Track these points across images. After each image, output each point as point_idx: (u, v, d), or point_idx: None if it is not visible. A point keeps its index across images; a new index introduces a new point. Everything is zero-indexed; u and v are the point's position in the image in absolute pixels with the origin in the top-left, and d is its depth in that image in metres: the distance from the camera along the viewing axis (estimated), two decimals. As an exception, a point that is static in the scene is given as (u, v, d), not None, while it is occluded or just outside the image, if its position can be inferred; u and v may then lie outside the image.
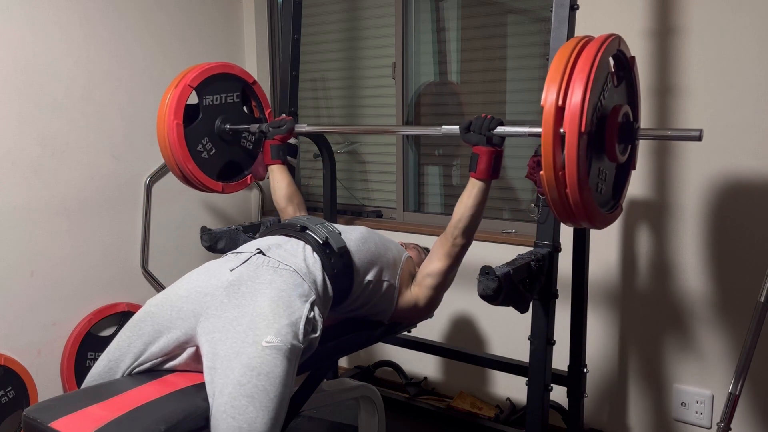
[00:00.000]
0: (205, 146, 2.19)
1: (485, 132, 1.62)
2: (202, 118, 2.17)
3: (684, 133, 1.48)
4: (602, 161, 1.46)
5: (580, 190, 1.32)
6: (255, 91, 2.34)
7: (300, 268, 1.55)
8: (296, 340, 1.39)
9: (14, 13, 2.36)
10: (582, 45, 1.38)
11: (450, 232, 1.70)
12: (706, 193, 2.13)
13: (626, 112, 1.47)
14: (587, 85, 1.29)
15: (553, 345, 1.81)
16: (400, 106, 2.89)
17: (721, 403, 1.83)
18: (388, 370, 2.89)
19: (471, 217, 1.67)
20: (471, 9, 2.79)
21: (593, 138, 1.37)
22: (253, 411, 1.29)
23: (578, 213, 1.38)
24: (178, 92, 2.09)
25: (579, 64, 1.33)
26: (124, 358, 1.47)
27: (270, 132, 2.13)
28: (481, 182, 1.65)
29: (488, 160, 1.63)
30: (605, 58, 1.37)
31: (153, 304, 1.51)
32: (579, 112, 1.28)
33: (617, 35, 1.47)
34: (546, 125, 1.31)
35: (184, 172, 2.12)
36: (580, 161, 1.29)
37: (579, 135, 1.28)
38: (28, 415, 1.31)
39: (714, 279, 2.15)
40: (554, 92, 1.31)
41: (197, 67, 2.18)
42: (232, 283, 1.48)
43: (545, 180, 1.35)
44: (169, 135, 2.07)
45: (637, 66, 1.59)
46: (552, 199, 1.39)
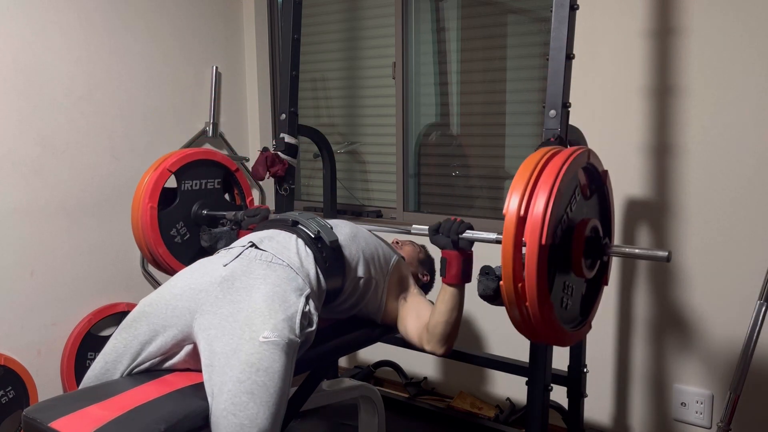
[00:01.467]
0: (179, 230, 2.16)
1: (453, 236, 1.55)
2: (179, 202, 2.15)
3: (652, 253, 1.40)
4: (568, 276, 1.40)
5: (540, 304, 1.26)
6: (237, 179, 2.32)
7: (293, 262, 1.55)
8: (293, 335, 1.39)
9: (14, 13, 2.36)
10: (550, 155, 1.34)
11: (429, 336, 1.64)
12: (706, 193, 2.13)
13: (594, 226, 1.41)
14: (550, 195, 1.25)
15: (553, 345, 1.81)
16: (400, 106, 2.89)
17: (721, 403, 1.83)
18: (388, 370, 2.89)
19: (446, 323, 1.60)
20: (471, 9, 2.79)
21: (557, 250, 1.32)
22: (253, 407, 1.29)
23: (539, 329, 1.31)
24: (156, 175, 2.07)
25: (544, 175, 1.29)
26: (121, 360, 1.46)
27: (245, 221, 2.02)
28: (454, 287, 1.58)
29: (458, 265, 1.56)
30: (573, 169, 1.33)
31: (147, 304, 1.51)
32: (540, 223, 1.23)
33: (587, 148, 1.43)
34: (507, 235, 1.27)
35: (153, 255, 2.10)
36: (540, 275, 1.24)
37: (539, 247, 1.23)
38: (28, 415, 1.31)
39: (714, 279, 2.15)
40: (516, 201, 1.27)
41: (178, 152, 2.17)
42: (226, 279, 1.48)
43: (504, 292, 1.30)
44: (142, 217, 2.06)
45: (609, 180, 1.54)
46: (512, 315, 1.33)
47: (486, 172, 2.82)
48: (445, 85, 2.90)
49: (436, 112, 2.95)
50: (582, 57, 1.96)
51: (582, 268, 1.38)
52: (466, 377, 2.74)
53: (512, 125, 2.70)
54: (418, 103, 2.94)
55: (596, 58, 2.25)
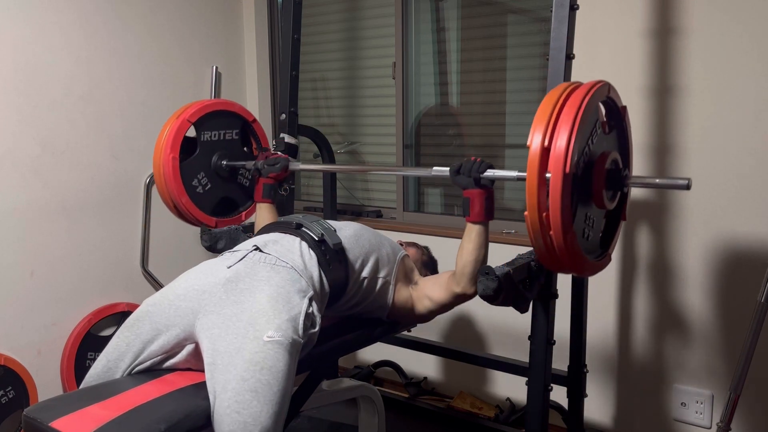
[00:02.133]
0: (201, 181, 2.17)
1: (474, 175, 1.60)
2: (200, 153, 2.16)
3: (672, 182, 1.47)
4: (589, 207, 1.44)
5: (564, 233, 1.30)
6: (255, 130, 2.33)
7: (297, 264, 1.55)
8: (296, 335, 1.40)
9: (14, 13, 2.36)
10: (570, 90, 1.38)
11: (458, 278, 1.67)
12: (706, 193, 2.13)
13: (615, 159, 1.45)
14: (573, 127, 1.29)
15: (553, 345, 1.81)
16: (400, 106, 2.89)
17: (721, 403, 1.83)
18: (388, 370, 2.89)
19: (475, 261, 1.63)
20: (471, 9, 2.79)
21: (579, 182, 1.36)
22: (257, 405, 1.29)
23: (563, 258, 1.35)
24: (176, 126, 2.08)
25: (566, 108, 1.33)
26: (123, 359, 1.47)
27: (264, 170, 2.07)
28: (478, 225, 1.62)
29: (480, 203, 1.60)
30: (593, 103, 1.37)
31: (150, 304, 1.52)
32: (564, 153, 1.28)
33: (607, 82, 1.46)
34: (531, 165, 1.31)
35: (177, 205, 2.11)
36: (564, 203, 1.28)
37: (563, 176, 1.27)
38: (29, 415, 1.31)
39: (714, 279, 2.15)
40: (540, 134, 1.32)
41: (197, 102, 2.18)
42: (230, 280, 1.48)
43: (529, 222, 1.34)
44: (164, 168, 2.07)
45: (628, 116, 1.58)
46: (536, 244, 1.37)
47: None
48: (445, 85, 2.90)
49: (436, 111, 2.95)
50: (582, 57, 1.96)
51: (603, 200, 1.43)
52: (466, 377, 2.74)
53: (512, 125, 2.71)
54: (418, 103, 2.94)
55: (596, 58, 2.25)
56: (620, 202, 1.55)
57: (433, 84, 2.92)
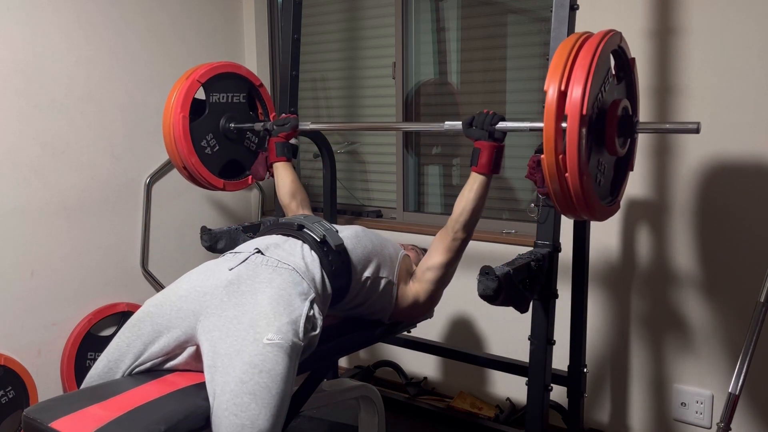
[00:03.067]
0: (209, 142, 2.20)
1: (487, 127, 1.65)
2: (208, 114, 2.18)
3: (682, 126, 1.53)
4: (602, 154, 1.48)
5: (580, 174, 1.34)
6: (261, 94, 2.35)
7: (299, 266, 1.55)
8: (297, 338, 1.40)
9: (14, 13, 2.36)
10: (584, 39, 1.42)
11: (451, 227, 1.72)
12: (706, 193, 2.13)
13: (625, 106, 1.49)
14: (589, 73, 1.33)
15: (553, 345, 1.81)
16: (400, 106, 2.89)
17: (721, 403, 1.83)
18: (388, 370, 2.89)
19: (472, 210, 1.69)
20: (471, 9, 2.79)
21: (593, 127, 1.40)
22: (255, 408, 1.29)
23: (578, 201, 1.39)
24: (187, 86, 2.10)
25: (581, 55, 1.37)
26: (124, 359, 1.47)
27: (275, 130, 2.14)
28: (483, 176, 1.68)
29: (489, 155, 1.66)
30: (606, 51, 1.40)
31: (152, 305, 1.52)
32: (581, 97, 1.32)
33: (618, 31, 1.49)
34: (548, 111, 1.34)
35: (187, 166, 2.13)
36: (580, 145, 1.32)
37: (581, 118, 1.31)
38: (28, 415, 1.31)
39: (714, 279, 2.15)
40: (557, 80, 1.35)
41: (206, 64, 2.20)
42: (231, 282, 1.48)
43: (546, 165, 1.37)
44: (174, 127, 2.08)
45: (636, 67, 1.62)
46: (552, 188, 1.40)
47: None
48: (444, 85, 2.90)
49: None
50: (582, 57, 1.96)
51: (615, 146, 1.47)
52: (466, 377, 2.74)
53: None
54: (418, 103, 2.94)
55: (596, 58, 2.25)
56: (629, 150, 1.59)
57: (433, 84, 2.92)
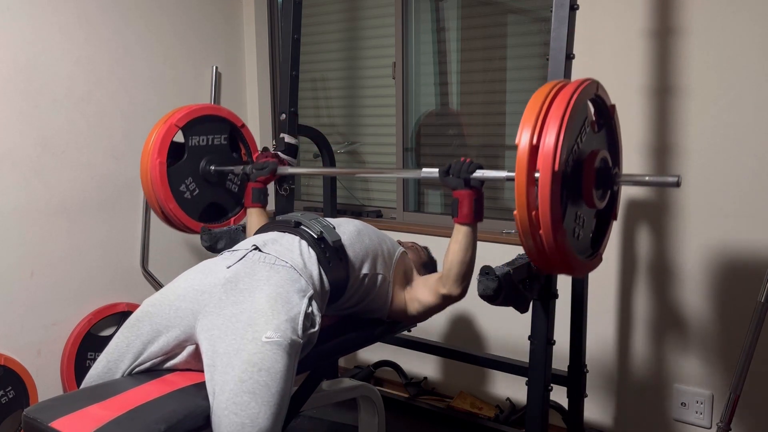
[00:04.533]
0: (189, 186, 2.16)
1: (464, 175, 1.58)
2: (187, 157, 2.15)
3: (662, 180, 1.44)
4: (579, 206, 1.43)
5: (554, 231, 1.28)
6: (243, 135, 2.31)
7: (297, 263, 1.55)
8: (296, 336, 1.40)
9: (14, 13, 2.36)
10: (558, 88, 1.37)
11: (444, 280, 1.66)
12: (705, 193, 2.13)
13: (604, 157, 1.44)
14: (561, 125, 1.27)
15: (553, 345, 1.81)
16: (400, 106, 2.89)
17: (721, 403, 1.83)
18: (388, 370, 2.89)
19: (461, 263, 1.61)
20: (471, 9, 2.79)
21: (569, 180, 1.34)
22: (255, 406, 1.29)
23: (553, 258, 1.34)
24: (164, 131, 2.07)
25: (554, 105, 1.31)
26: (123, 359, 1.47)
27: (253, 174, 2.06)
28: (466, 226, 1.60)
29: (469, 204, 1.58)
30: (581, 100, 1.35)
31: (150, 304, 1.51)
32: (553, 151, 1.26)
33: (595, 80, 1.45)
34: (520, 164, 1.29)
35: (164, 210, 2.10)
36: (553, 201, 1.26)
37: (552, 174, 1.25)
38: (28, 415, 1.31)
39: (714, 279, 2.15)
40: (528, 132, 1.30)
41: (186, 107, 2.17)
42: (229, 280, 1.48)
43: (518, 221, 1.32)
44: (151, 173, 2.05)
45: (617, 114, 1.56)
46: (526, 244, 1.35)
47: (486, 172, 2.82)
48: (445, 85, 2.90)
49: (436, 112, 2.95)
50: (582, 57, 1.96)
51: (593, 198, 1.42)
52: (466, 377, 2.74)
53: (512, 125, 2.70)
54: (418, 103, 2.94)
55: (596, 58, 2.25)
56: (611, 200, 1.53)
57: (433, 84, 2.92)
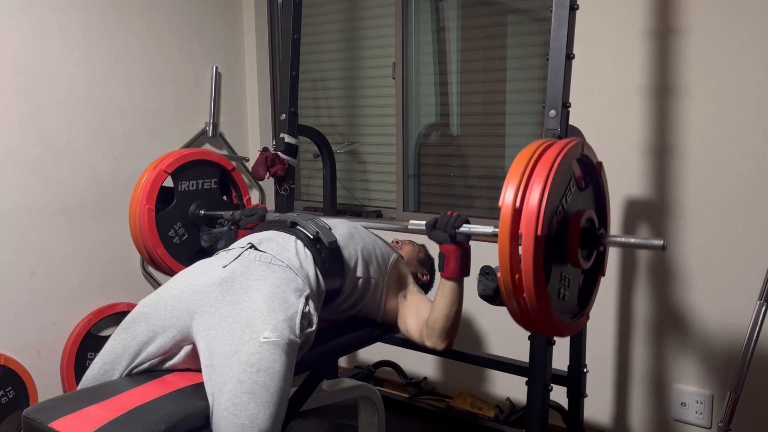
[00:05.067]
0: (178, 231, 2.14)
1: (450, 230, 1.56)
2: (177, 203, 2.14)
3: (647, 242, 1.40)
4: (565, 267, 1.41)
5: (537, 295, 1.26)
6: (234, 178, 2.30)
7: (292, 263, 1.55)
8: (293, 335, 1.40)
9: (14, 13, 2.36)
10: (544, 148, 1.35)
11: (429, 331, 1.64)
12: (706, 193, 2.13)
13: (590, 217, 1.42)
14: (545, 187, 1.26)
15: (553, 345, 1.81)
16: (400, 106, 2.89)
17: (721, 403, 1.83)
18: (388, 370, 2.89)
19: (446, 317, 1.59)
20: (471, 9, 2.79)
21: (553, 242, 1.32)
22: (254, 407, 1.29)
23: (537, 320, 1.32)
24: (153, 177, 2.06)
25: (539, 167, 1.29)
26: (120, 361, 1.46)
27: (242, 221, 2.01)
28: (452, 281, 1.59)
29: (456, 259, 1.56)
30: (567, 160, 1.33)
31: (146, 305, 1.51)
32: (536, 214, 1.24)
33: (581, 140, 1.44)
34: (503, 227, 1.27)
35: (152, 256, 2.09)
36: (536, 265, 1.24)
37: (535, 238, 1.23)
38: (28, 415, 1.31)
39: (714, 279, 2.15)
40: (512, 193, 1.28)
41: (174, 153, 2.16)
42: (225, 280, 1.48)
43: (502, 284, 1.30)
44: (140, 219, 2.05)
45: (604, 171, 1.54)
46: (509, 306, 1.34)
47: (486, 172, 2.82)
48: (445, 85, 2.90)
49: (436, 112, 2.95)
50: (582, 57, 1.96)
51: (578, 259, 1.39)
52: (466, 377, 2.74)
53: (512, 125, 2.70)
54: (418, 103, 2.94)
55: (596, 58, 2.25)
56: (597, 259, 1.50)
57: (433, 84, 2.92)
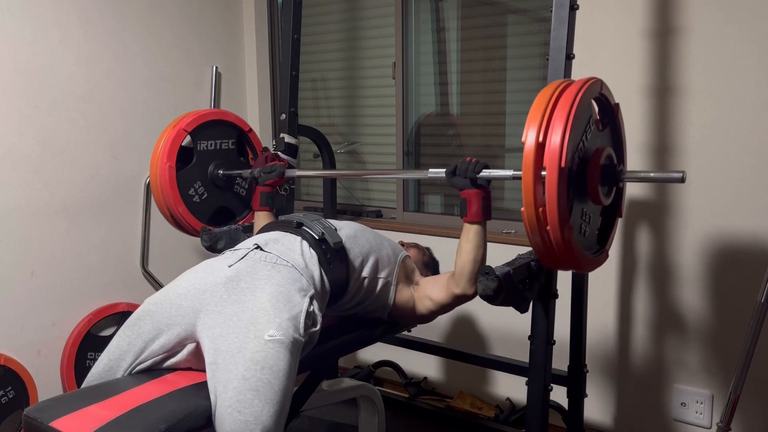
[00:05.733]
0: (198, 190, 2.19)
1: (470, 175, 1.60)
2: (196, 162, 2.18)
3: (667, 176, 1.47)
4: (585, 203, 1.45)
5: (561, 227, 1.30)
6: (250, 139, 2.35)
7: (298, 263, 1.56)
8: (298, 334, 1.41)
9: (14, 13, 2.36)
10: (563, 87, 1.38)
11: (457, 279, 1.66)
12: (705, 193, 2.13)
13: (609, 155, 1.46)
14: (567, 123, 1.30)
15: (553, 345, 1.81)
16: (400, 106, 2.89)
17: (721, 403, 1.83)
18: (388, 370, 2.89)
19: (474, 261, 1.62)
20: (471, 9, 2.79)
21: (575, 177, 1.36)
22: (258, 404, 1.30)
23: (560, 254, 1.35)
24: (173, 135, 2.10)
25: (559, 104, 1.33)
26: (125, 357, 1.47)
27: (261, 177, 2.08)
28: (476, 225, 1.62)
29: (478, 203, 1.60)
30: (586, 98, 1.37)
31: (152, 303, 1.52)
32: (559, 148, 1.28)
33: (599, 79, 1.46)
34: (526, 161, 1.31)
35: (174, 214, 2.13)
36: (560, 197, 1.28)
37: (559, 171, 1.27)
38: (29, 415, 1.31)
39: (714, 279, 2.15)
40: (534, 131, 1.32)
41: (194, 112, 2.21)
42: (231, 279, 1.49)
43: (525, 218, 1.34)
44: (161, 177, 2.08)
45: (621, 113, 1.58)
46: (533, 241, 1.37)
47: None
48: (445, 85, 2.90)
49: (436, 112, 2.95)
50: (582, 57, 1.96)
51: (599, 195, 1.44)
52: (466, 377, 2.74)
53: (512, 125, 2.71)
54: (418, 103, 2.94)
55: (596, 58, 2.25)
56: (616, 197, 1.55)
57: (433, 84, 2.92)
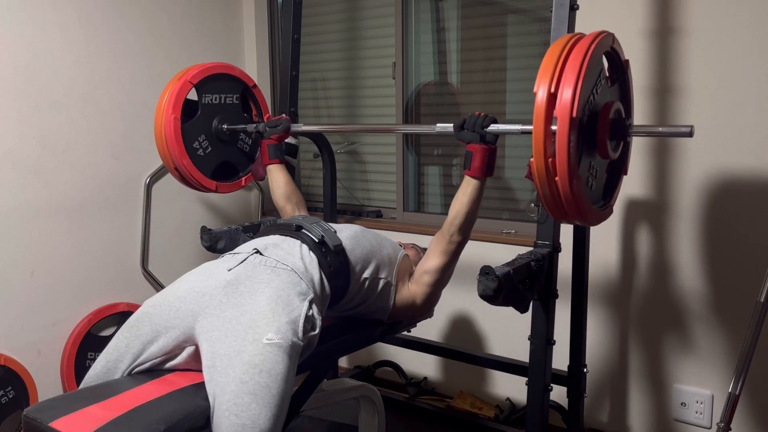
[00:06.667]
0: (202, 144, 2.18)
1: (479, 130, 1.63)
2: (200, 115, 2.17)
3: (675, 130, 1.48)
4: (593, 157, 1.46)
5: (570, 178, 1.31)
6: (255, 95, 2.34)
7: (297, 267, 1.55)
8: (296, 338, 1.40)
9: (14, 13, 2.36)
10: (575, 41, 1.40)
11: (446, 230, 1.71)
12: (705, 193, 2.13)
13: (618, 109, 1.47)
14: (579, 74, 1.31)
15: (553, 345, 1.81)
16: (400, 106, 2.89)
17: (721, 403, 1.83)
18: (388, 370, 2.89)
19: (467, 214, 1.68)
20: (471, 9, 2.79)
21: (584, 130, 1.37)
22: (256, 408, 1.29)
23: (568, 205, 1.37)
24: (178, 87, 2.09)
25: (571, 57, 1.35)
26: (123, 359, 1.47)
27: (266, 132, 2.12)
28: (476, 180, 1.66)
29: (482, 158, 1.64)
30: (598, 52, 1.38)
31: (150, 305, 1.52)
32: (571, 99, 1.29)
33: (610, 33, 1.48)
34: (538, 111, 1.32)
35: (178, 167, 2.12)
36: (570, 148, 1.29)
37: (570, 121, 1.28)
38: (29, 415, 1.31)
39: (714, 279, 2.15)
40: (546, 82, 1.33)
41: (199, 65, 2.19)
42: (230, 283, 1.48)
43: (535, 168, 1.35)
44: (165, 128, 2.07)
45: (630, 69, 1.59)
46: (542, 192, 1.38)
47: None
48: (445, 85, 2.90)
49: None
50: (582, 57, 1.96)
51: (607, 149, 1.44)
52: (466, 377, 2.74)
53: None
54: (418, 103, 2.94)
55: (596, 58, 2.25)
56: (623, 153, 1.57)
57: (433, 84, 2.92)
